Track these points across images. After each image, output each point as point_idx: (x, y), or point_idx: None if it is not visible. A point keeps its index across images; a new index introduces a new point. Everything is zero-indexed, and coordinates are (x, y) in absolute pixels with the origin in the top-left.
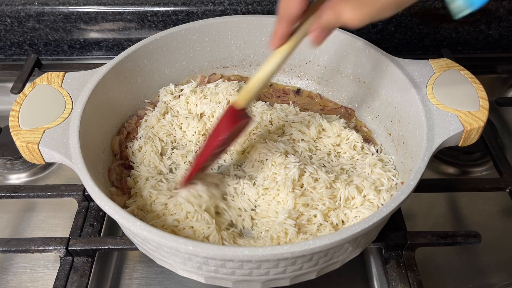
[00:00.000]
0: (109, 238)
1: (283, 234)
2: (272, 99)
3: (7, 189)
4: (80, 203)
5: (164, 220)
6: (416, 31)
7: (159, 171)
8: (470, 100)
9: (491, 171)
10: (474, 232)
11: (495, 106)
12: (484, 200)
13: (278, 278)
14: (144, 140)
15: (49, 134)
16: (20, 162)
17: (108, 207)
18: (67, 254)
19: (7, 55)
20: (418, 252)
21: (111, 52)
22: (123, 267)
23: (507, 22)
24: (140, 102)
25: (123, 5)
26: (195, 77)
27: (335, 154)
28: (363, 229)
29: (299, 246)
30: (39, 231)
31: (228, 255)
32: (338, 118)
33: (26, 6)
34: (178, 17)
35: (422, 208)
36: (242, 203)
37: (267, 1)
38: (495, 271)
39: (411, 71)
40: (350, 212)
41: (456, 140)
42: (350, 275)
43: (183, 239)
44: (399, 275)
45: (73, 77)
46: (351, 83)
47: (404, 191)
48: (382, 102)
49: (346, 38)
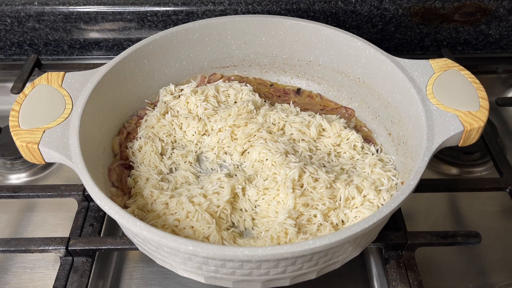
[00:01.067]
0: (109, 238)
1: (283, 234)
2: (272, 99)
3: (7, 189)
4: (80, 203)
5: (164, 219)
6: (416, 31)
7: (159, 171)
8: (470, 100)
9: (491, 171)
10: (474, 232)
11: (495, 106)
12: (484, 200)
13: (278, 278)
14: (144, 140)
15: (49, 134)
16: (20, 162)
17: (108, 207)
18: (67, 254)
19: (7, 55)
20: (418, 252)
21: (111, 52)
22: (123, 267)
23: (507, 22)
24: (140, 102)
25: (123, 5)
26: (195, 77)
27: (335, 154)
28: (363, 229)
29: (299, 246)
30: (39, 231)
31: (228, 255)
32: (338, 118)
33: (26, 6)
34: (178, 17)
35: (422, 208)
36: (243, 204)
37: (267, 1)
38: (495, 271)
39: (411, 71)
40: (350, 212)
41: (456, 140)
42: (350, 275)
43: (183, 239)
44: (399, 275)
45: (73, 77)
46: (351, 83)
47: (404, 191)
48: (382, 102)
49: (346, 38)
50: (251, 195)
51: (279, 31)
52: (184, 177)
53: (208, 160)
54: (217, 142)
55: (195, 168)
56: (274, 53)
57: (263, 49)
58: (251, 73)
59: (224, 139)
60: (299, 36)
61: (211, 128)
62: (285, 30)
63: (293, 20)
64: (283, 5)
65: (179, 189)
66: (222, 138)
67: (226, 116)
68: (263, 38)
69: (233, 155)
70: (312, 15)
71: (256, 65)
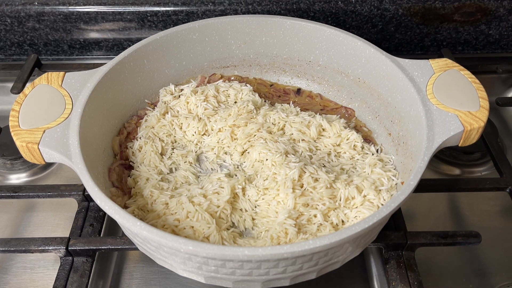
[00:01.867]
0: (109, 238)
1: (283, 234)
2: (273, 99)
3: (7, 189)
4: (80, 203)
5: (164, 219)
6: (416, 31)
7: (159, 171)
8: (470, 100)
9: (491, 171)
10: (474, 232)
11: (495, 106)
12: (484, 200)
13: (278, 278)
14: (144, 140)
15: (49, 134)
16: (20, 162)
17: (108, 207)
18: (67, 254)
19: (7, 55)
20: (418, 252)
21: (111, 52)
22: (123, 267)
23: (507, 22)
24: (140, 102)
25: (123, 5)
26: (195, 77)
27: (335, 154)
28: (363, 229)
29: (299, 246)
30: (39, 231)
31: (228, 255)
32: (338, 118)
33: (26, 6)
34: (178, 17)
35: (422, 208)
36: (243, 204)
37: (267, 1)
38: (495, 271)
39: (411, 71)
40: (350, 212)
41: (456, 140)
42: (350, 275)
43: (183, 239)
44: (399, 275)
45: (73, 77)
46: (351, 83)
47: (404, 191)
48: (382, 102)
49: (346, 38)
50: (251, 195)
51: (279, 31)
52: (184, 177)
53: (208, 160)
54: (217, 142)
55: (195, 168)
56: (274, 53)
57: (263, 49)
58: (251, 73)
59: (224, 139)
60: (299, 36)
61: (211, 128)
62: (285, 30)
63: (293, 20)
64: (283, 5)
65: (179, 189)
66: (222, 138)
67: (226, 116)
68: (263, 38)
69: (233, 155)
70: (312, 15)
71: (256, 65)
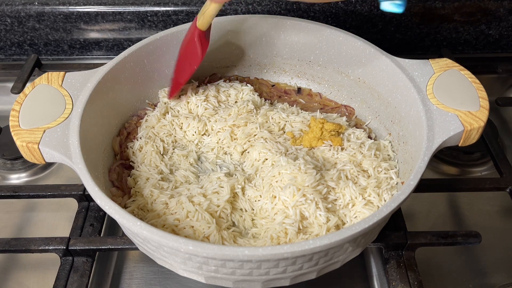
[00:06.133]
0: (109, 238)
1: (283, 234)
2: (273, 98)
3: (7, 189)
4: (80, 203)
5: (164, 219)
6: (416, 31)
7: (159, 171)
8: (470, 100)
9: (491, 171)
10: (474, 232)
11: (495, 106)
12: (484, 200)
13: (278, 278)
14: (144, 140)
15: (49, 134)
16: (20, 162)
17: (108, 207)
18: (67, 254)
19: (7, 55)
20: (418, 252)
21: (111, 52)
22: (123, 267)
23: (507, 22)
24: (140, 102)
25: (123, 5)
26: (195, 77)
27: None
28: (363, 229)
29: (299, 246)
30: (39, 231)
31: (228, 255)
32: (339, 117)
33: (26, 6)
34: (178, 17)
35: (422, 208)
36: (243, 203)
37: (267, 1)
38: (495, 271)
39: (411, 71)
40: (350, 212)
41: (456, 140)
42: (350, 275)
43: (183, 239)
44: (399, 275)
45: (73, 77)
46: (351, 83)
47: (404, 191)
48: (382, 102)
49: (346, 38)
50: (251, 194)
51: (279, 31)
52: (184, 176)
53: (208, 160)
54: (217, 143)
55: (195, 168)
56: (274, 53)
57: (263, 49)
58: (251, 73)
59: (224, 139)
60: (299, 36)
61: (211, 128)
62: (285, 30)
63: (293, 20)
64: (283, 5)
65: (179, 189)
66: (222, 139)
67: (226, 116)
68: (263, 38)
69: (233, 155)
70: (312, 15)
71: (256, 65)
